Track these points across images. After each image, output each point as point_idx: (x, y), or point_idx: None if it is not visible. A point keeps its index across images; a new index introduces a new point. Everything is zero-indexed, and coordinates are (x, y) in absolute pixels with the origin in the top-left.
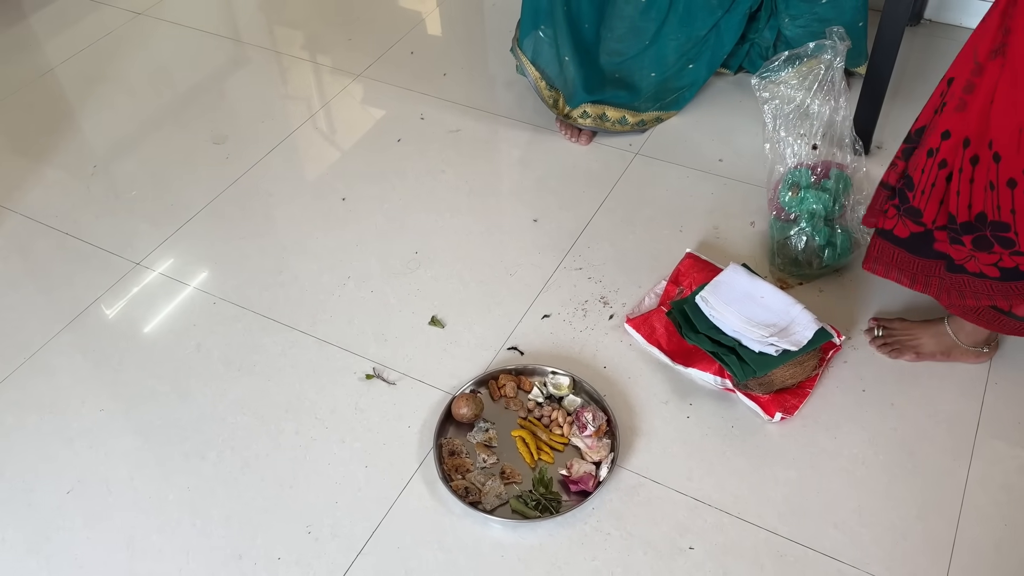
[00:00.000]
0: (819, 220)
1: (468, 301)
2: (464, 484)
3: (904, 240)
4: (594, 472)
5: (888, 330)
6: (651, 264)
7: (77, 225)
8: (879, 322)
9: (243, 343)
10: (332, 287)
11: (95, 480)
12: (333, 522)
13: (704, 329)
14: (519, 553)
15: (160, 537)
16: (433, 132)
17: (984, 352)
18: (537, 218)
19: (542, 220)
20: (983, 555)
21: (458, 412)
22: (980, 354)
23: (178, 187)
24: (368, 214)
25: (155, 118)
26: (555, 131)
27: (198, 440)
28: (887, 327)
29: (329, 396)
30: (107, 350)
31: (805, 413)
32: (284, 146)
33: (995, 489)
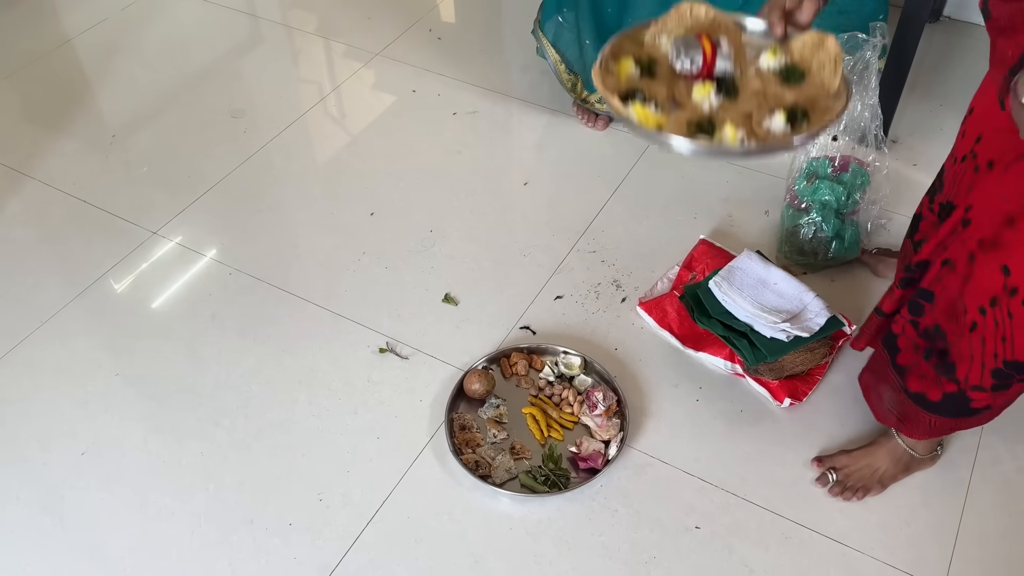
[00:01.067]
0: (830, 212)
1: (482, 280)
2: (474, 458)
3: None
4: (603, 450)
5: (841, 471)
6: (664, 249)
7: (95, 193)
8: (826, 465)
9: (258, 314)
10: (347, 262)
11: (109, 443)
12: (344, 491)
13: (716, 314)
14: (527, 527)
15: (173, 500)
16: (449, 112)
17: (937, 454)
18: (551, 202)
19: (557, 203)
20: (987, 543)
21: (470, 388)
22: (935, 457)
23: (195, 159)
24: (384, 192)
25: (173, 91)
26: (572, 115)
27: (212, 407)
28: (837, 468)
29: (342, 368)
30: (123, 317)
31: (814, 399)
32: (301, 122)
33: (1000, 478)
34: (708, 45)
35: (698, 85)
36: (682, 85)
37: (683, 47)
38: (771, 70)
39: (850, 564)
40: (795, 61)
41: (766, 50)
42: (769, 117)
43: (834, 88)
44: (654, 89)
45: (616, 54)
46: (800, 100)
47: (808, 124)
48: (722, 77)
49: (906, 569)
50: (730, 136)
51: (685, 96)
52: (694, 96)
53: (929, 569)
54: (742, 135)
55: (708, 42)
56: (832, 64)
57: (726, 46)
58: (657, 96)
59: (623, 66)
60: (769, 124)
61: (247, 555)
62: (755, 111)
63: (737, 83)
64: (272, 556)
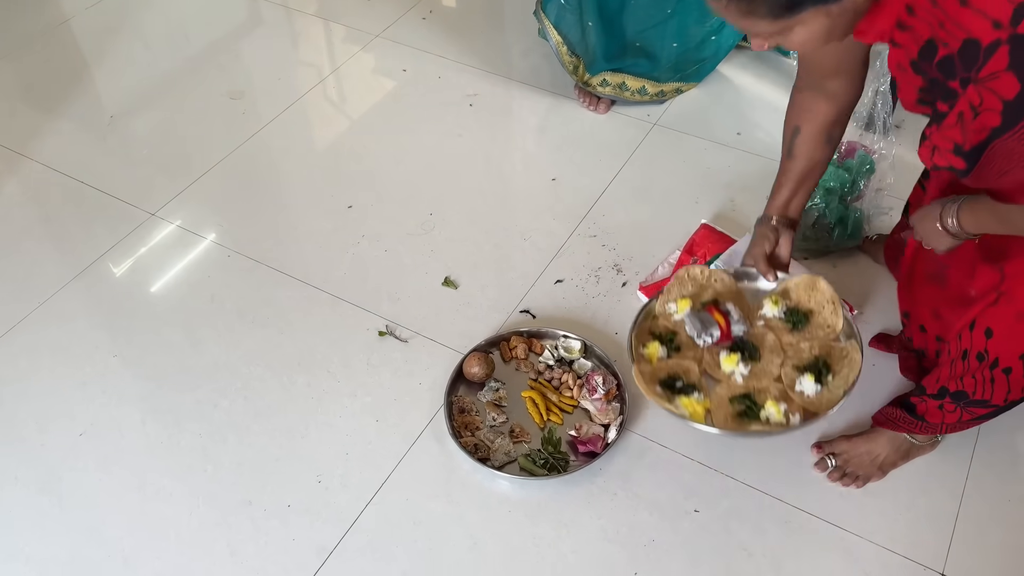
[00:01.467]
0: (834, 198)
1: (482, 263)
2: (473, 441)
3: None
4: (602, 434)
5: (840, 456)
6: (666, 234)
7: (93, 175)
8: (826, 451)
9: (257, 296)
10: (346, 244)
11: (108, 424)
12: (343, 472)
13: None
14: (526, 510)
15: (171, 481)
16: (450, 96)
17: (937, 440)
18: (552, 186)
19: (558, 187)
20: (986, 528)
21: (469, 371)
22: (935, 443)
23: (194, 140)
24: (384, 174)
25: (171, 72)
26: (573, 99)
27: (210, 388)
28: (837, 453)
29: (341, 351)
30: (121, 298)
31: None
32: (300, 104)
33: (999, 465)
34: (721, 318)
35: (724, 356)
36: (706, 354)
37: (700, 326)
38: (776, 318)
39: (849, 549)
40: (795, 304)
41: (765, 298)
42: (797, 376)
43: (839, 328)
44: (685, 367)
45: (642, 340)
46: (817, 351)
47: (832, 375)
48: (740, 340)
49: (905, 554)
50: (776, 414)
51: (714, 366)
52: (724, 368)
53: (928, 554)
54: (784, 408)
55: (719, 314)
56: (831, 305)
57: (735, 311)
58: (692, 376)
59: (651, 351)
60: (801, 387)
61: (245, 536)
62: (782, 371)
63: (754, 342)
64: (270, 537)
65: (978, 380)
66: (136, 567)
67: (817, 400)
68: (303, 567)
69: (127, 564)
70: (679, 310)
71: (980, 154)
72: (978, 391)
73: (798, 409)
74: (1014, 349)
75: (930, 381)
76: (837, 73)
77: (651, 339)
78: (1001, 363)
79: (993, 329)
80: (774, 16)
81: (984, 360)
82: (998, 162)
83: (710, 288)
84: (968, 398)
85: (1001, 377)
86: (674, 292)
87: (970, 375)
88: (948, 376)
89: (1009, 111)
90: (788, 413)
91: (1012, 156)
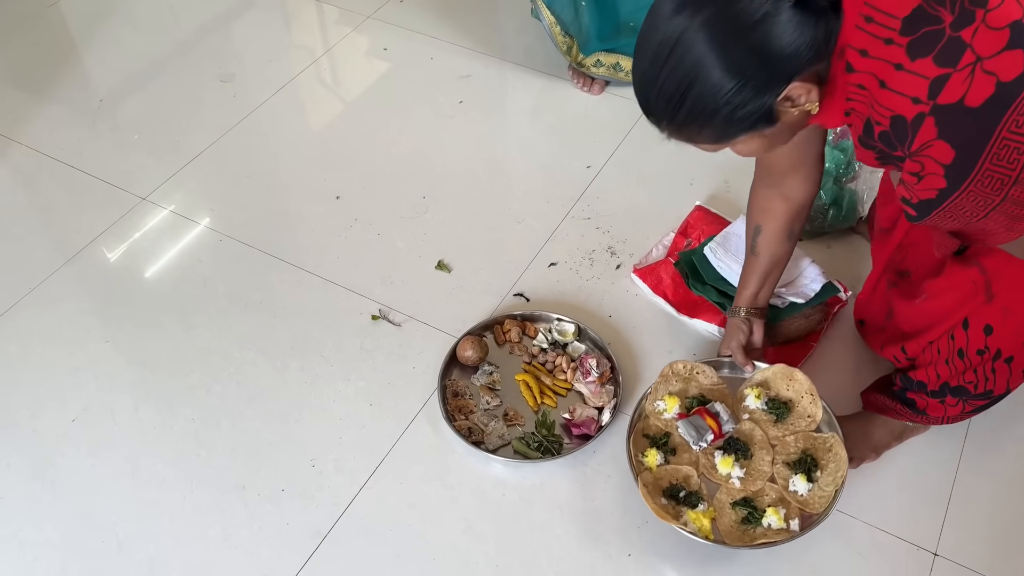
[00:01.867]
0: (828, 179)
1: (475, 247)
2: (467, 424)
3: None
4: (596, 417)
5: None
6: (660, 216)
7: (82, 159)
8: None
9: (249, 280)
10: (339, 228)
11: (100, 409)
12: (337, 457)
13: (711, 280)
14: (520, 492)
15: (164, 466)
16: (443, 76)
17: None
18: (546, 168)
19: (551, 169)
20: (979, 508)
21: (463, 354)
22: None
23: (184, 124)
24: (376, 157)
25: (161, 54)
26: (567, 80)
27: (203, 373)
28: None
29: (334, 335)
30: (112, 283)
31: (808, 366)
32: (291, 86)
33: (993, 445)
34: (712, 422)
35: (720, 459)
36: (701, 456)
37: (695, 433)
38: (760, 409)
39: (843, 529)
40: (775, 395)
41: (747, 389)
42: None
43: (819, 419)
44: (685, 475)
45: (639, 447)
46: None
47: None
48: (731, 438)
49: (898, 534)
50: (778, 521)
51: (710, 468)
52: (720, 471)
53: (921, 534)
54: (784, 513)
55: (710, 417)
56: (809, 396)
57: (723, 411)
58: (692, 483)
59: (651, 460)
60: (795, 488)
61: (239, 521)
62: (774, 469)
63: (744, 440)
64: (264, 522)
65: (980, 375)
66: (130, 552)
67: (810, 499)
68: (297, 551)
69: (121, 549)
70: (668, 408)
71: (929, 210)
72: (980, 385)
73: (796, 512)
74: (1018, 339)
75: (930, 378)
76: (792, 171)
77: (646, 443)
78: (1004, 353)
79: (993, 325)
80: (712, 143)
81: (986, 354)
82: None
83: (694, 381)
84: (971, 393)
85: (1003, 367)
86: (661, 391)
87: (971, 371)
88: (948, 374)
89: (951, 174)
90: (788, 518)
91: (963, 214)
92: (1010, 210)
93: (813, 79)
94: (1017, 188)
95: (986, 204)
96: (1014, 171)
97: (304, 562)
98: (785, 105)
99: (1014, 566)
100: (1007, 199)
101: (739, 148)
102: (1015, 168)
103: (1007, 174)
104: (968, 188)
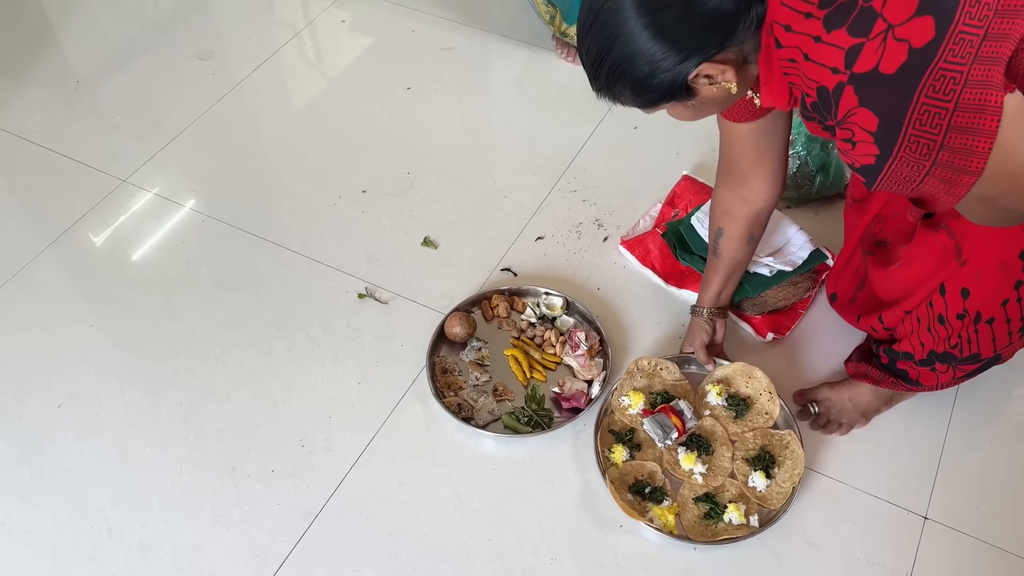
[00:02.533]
0: (815, 145)
1: (461, 222)
2: (457, 401)
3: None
4: (586, 390)
5: (823, 404)
6: (647, 186)
7: (61, 141)
8: (808, 398)
9: (233, 261)
10: (323, 206)
11: (86, 394)
12: (327, 436)
13: (699, 250)
14: (511, 467)
15: (152, 450)
16: (425, 49)
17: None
18: (531, 140)
19: (536, 141)
20: (969, 470)
21: (451, 331)
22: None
23: (164, 103)
24: (359, 133)
25: (138, 33)
26: (551, 50)
27: (189, 356)
28: (818, 400)
29: (321, 315)
30: (95, 267)
31: (797, 333)
32: (272, 62)
33: (981, 408)
34: (677, 420)
35: (683, 455)
36: (665, 452)
37: (661, 431)
38: (720, 406)
39: (833, 495)
40: (735, 392)
41: (708, 385)
42: (749, 470)
43: (776, 415)
44: (650, 471)
45: (606, 443)
46: (760, 440)
47: (777, 466)
48: (694, 434)
49: (889, 499)
50: (738, 517)
51: (674, 463)
52: (683, 466)
53: (911, 498)
54: (744, 509)
55: (674, 415)
56: (768, 394)
57: (687, 408)
58: (657, 479)
59: (617, 454)
60: (754, 484)
61: (230, 502)
62: (734, 465)
63: (706, 436)
64: (255, 503)
65: (964, 339)
66: (120, 536)
67: (769, 495)
68: (289, 531)
69: (111, 533)
70: (633, 404)
71: (874, 176)
72: (965, 349)
73: (755, 507)
74: (995, 299)
75: (915, 348)
76: (752, 170)
77: (612, 439)
78: (984, 316)
79: (969, 288)
80: (635, 107)
81: (966, 317)
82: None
83: (658, 377)
84: (958, 358)
85: (985, 329)
86: (626, 386)
87: (955, 335)
88: (932, 342)
89: (880, 140)
90: (748, 514)
91: (904, 180)
92: (943, 175)
93: (733, 58)
94: (945, 153)
95: (919, 169)
96: (938, 136)
97: (296, 542)
98: (701, 82)
99: (1004, 528)
100: (937, 164)
101: (670, 112)
102: (938, 132)
103: (932, 139)
104: (899, 154)
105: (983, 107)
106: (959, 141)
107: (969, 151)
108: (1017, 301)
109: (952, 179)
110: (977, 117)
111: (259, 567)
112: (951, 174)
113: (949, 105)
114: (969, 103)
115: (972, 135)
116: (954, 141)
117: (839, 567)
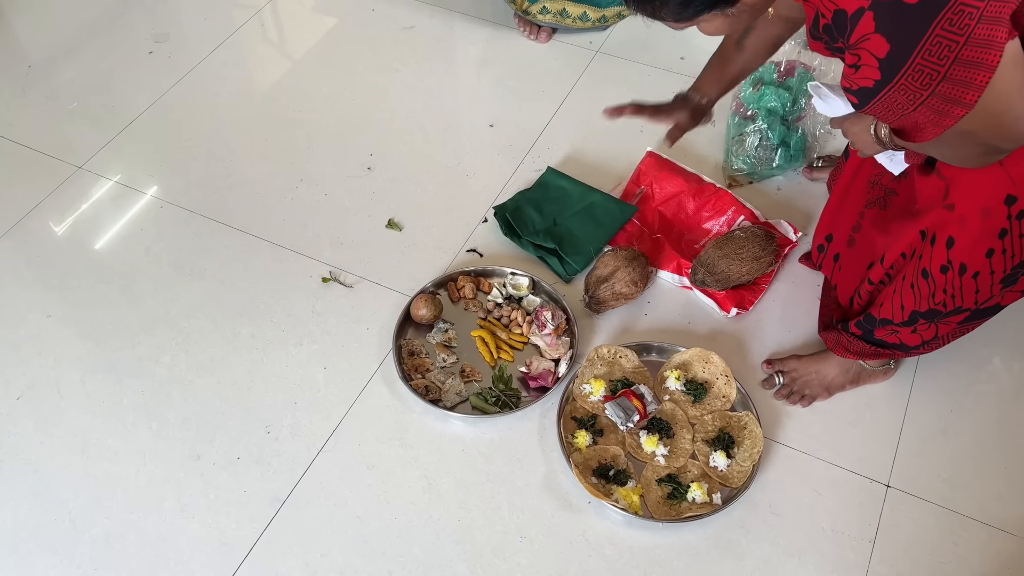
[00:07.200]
0: (776, 119)
1: (426, 203)
2: (424, 383)
3: None
4: (553, 369)
5: (788, 375)
6: (612, 164)
7: (13, 128)
8: (775, 367)
9: (193, 247)
10: (284, 190)
11: (45, 385)
12: (293, 422)
13: (527, 235)
14: (479, 447)
15: (115, 440)
16: (385, 28)
17: (891, 368)
18: (495, 120)
19: (500, 121)
20: (930, 439)
21: (417, 313)
22: (888, 371)
23: (119, 87)
24: (319, 114)
25: (90, 16)
26: (514, 28)
27: (151, 344)
28: (785, 371)
29: (284, 300)
30: (51, 256)
31: (761, 307)
32: (229, 44)
33: (942, 377)
34: (638, 403)
35: (645, 438)
36: (628, 436)
37: (623, 414)
38: (679, 391)
39: (797, 465)
40: (692, 376)
41: (667, 371)
42: (709, 451)
43: (733, 398)
44: (613, 454)
45: (568, 430)
46: (719, 422)
47: (736, 446)
48: (655, 418)
49: (851, 468)
50: (701, 495)
51: (636, 447)
52: (646, 449)
53: (874, 467)
54: (707, 487)
55: (636, 399)
56: (724, 377)
57: (647, 392)
58: (620, 462)
59: (580, 441)
60: (715, 463)
61: (195, 491)
62: (695, 447)
63: (667, 419)
64: (221, 491)
65: (948, 293)
66: (84, 528)
67: (730, 473)
68: (256, 518)
69: (74, 525)
70: (595, 391)
71: (868, 98)
72: (949, 303)
73: (716, 486)
74: (980, 249)
75: (894, 312)
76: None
77: (574, 425)
78: (969, 269)
79: (954, 237)
80: (676, 21)
81: (949, 270)
82: (888, 110)
83: (617, 365)
84: (943, 313)
85: (969, 282)
86: (587, 374)
87: (940, 290)
88: (914, 301)
89: (885, 66)
90: (711, 492)
91: (896, 106)
92: (937, 105)
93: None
94: (945, 84)
95: (915, 98)
96: (943, 67)
97: (263, 528)
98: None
99: (965, 494)
100: (934, 94)
101: (703, 27)
102: (944, 64)
103: (936, 69)
104: (900, 81)
105: (990, 43)
106: (960, 74)
107: (967, 84)
108: (1002, 252)
109: (944, 110)
110: (982, 52)
111: (227, 554)
112: (945, 105)
113: (960, 39)
114: (979, 38)
115: (974, 68)
116: (956, 74)
117: (804, 536)
